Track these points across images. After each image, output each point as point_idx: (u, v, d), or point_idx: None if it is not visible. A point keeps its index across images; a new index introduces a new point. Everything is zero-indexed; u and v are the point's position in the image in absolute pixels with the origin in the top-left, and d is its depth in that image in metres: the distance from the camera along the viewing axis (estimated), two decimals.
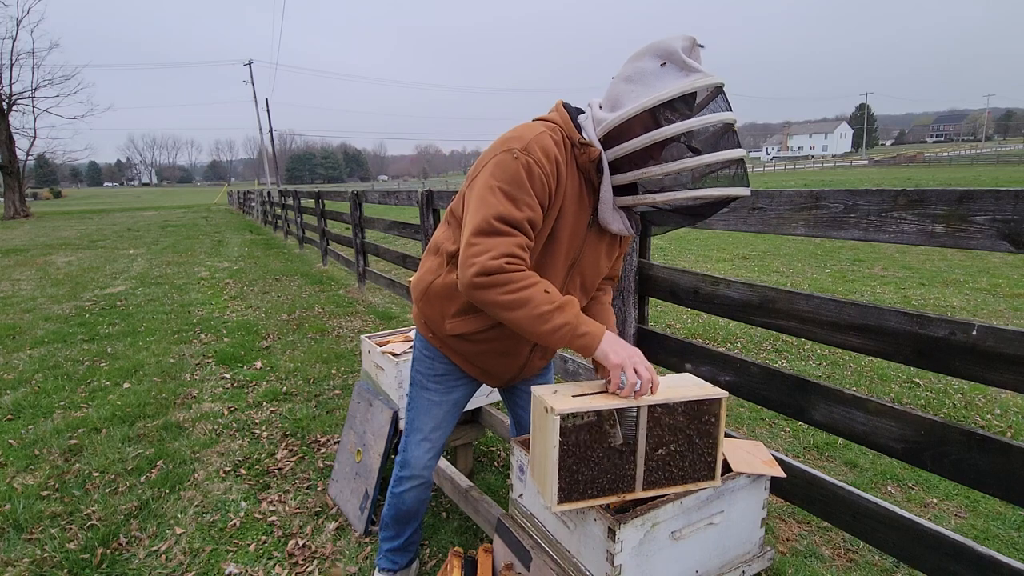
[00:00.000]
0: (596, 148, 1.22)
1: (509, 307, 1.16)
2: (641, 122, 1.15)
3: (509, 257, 1.16)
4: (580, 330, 1.17)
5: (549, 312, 1.15)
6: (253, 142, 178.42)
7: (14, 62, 23.83)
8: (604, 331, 1.19)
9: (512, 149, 1.19)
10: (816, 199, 1.46)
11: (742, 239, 10.09)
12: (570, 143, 1.25)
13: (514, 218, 1.17)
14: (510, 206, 1.17)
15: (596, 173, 1.25)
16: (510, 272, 1.15)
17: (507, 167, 1.19)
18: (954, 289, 5.91)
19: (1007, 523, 2.15)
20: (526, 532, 1.46)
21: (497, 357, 1.45)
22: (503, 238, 1.17)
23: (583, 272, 1.38)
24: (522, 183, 1.18)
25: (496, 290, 1.16)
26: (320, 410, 3.31)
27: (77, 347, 4.69)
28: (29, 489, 2.51)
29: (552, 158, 1.20)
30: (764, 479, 1.39)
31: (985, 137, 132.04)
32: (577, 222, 1.29)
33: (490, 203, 1.18)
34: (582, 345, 1.18)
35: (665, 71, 1.12)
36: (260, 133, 39.30)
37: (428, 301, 1.45)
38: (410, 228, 4.72)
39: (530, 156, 1.18)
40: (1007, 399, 3.25)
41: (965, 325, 1.22)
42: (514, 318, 1.17)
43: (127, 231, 16.46)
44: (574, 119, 1.27)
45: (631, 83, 1.16)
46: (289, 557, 2.03)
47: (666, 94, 1.10)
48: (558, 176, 1.22)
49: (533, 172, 1.18)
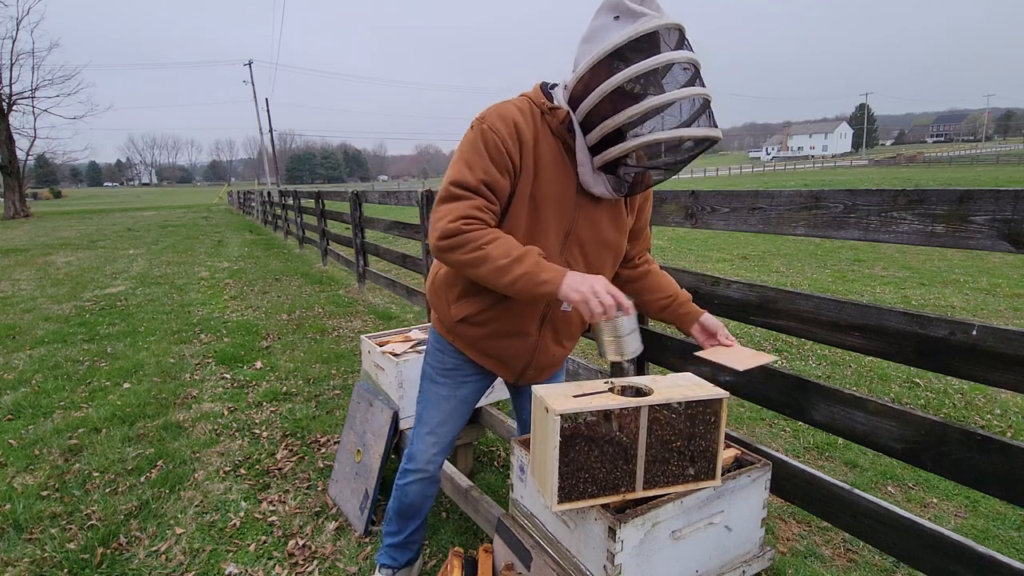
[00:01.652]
0: (563, 109, 1.25)
1: (472, 264, 1.21)
2: (598, 77, 1.16)
3: (465, 219, 1.22)
4: (539, 278, 1.19)
5: (507, 264, 1.19)
6: (253, 142, 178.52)
7: (14, 62, 23.87)
8: (564, 274, 1.19)
9: (473, 123, 1.28)
10: (816, 199, 1.46)
11: (742, 239, 10.09)
12: (539, 110, 1.28)
13: (467, 182, 1.23)
14: (466, 171, 1.24)
15: (569, 135, 1.27)
16: (467, 232, 1.21)
17: (467, 138, 1.28)
18: (954, 289, 5.91)
19: (1007, 523, 2.15)
20: (526, 532, 1.46)
21: (505, 339, 1.44)
22: (459, 202, 1.23)
23: (582, 242, 1.36)
24: (477, 148, 1.24)
25: (458, 251, 1.22)
26: (320, 410, 3.31)
27: (77, 347, 4.69)
28: (29, 489, 2.51)
29: (509, 122, 1.24)
30: (764, 479, 1.39)
31: (985, 137, 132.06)
32: (563, 189, 1.30)
33: (450, 172, 1.27)
34: (545, 292, 1.19)
35: (618, 23, 1.14)
36: (260, 133, 39.32)
37: (435, 292, 1.50)
38: (410, 228, 4.72)
39: (484, 123, 1.25)
40: (1007, 399, 3.25)
41: (965, 325, 1.22)
42: (479, 275, 1.23)
43: (127, 231, 16.46)
44: (546, 90, 1.32)
45: (587, 42, 1.18)
46: (289, 557, 2.03)
47: (608, 45, 1.12)
48: (520, 139, 1.25)
49: (487, 138, 1.23)
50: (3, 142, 23.48)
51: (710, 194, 1.77)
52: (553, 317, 1.43)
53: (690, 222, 1.83)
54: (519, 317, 1.40)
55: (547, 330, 1.45)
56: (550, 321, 1.43)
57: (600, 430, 1.17)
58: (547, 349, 1.48)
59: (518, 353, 1.47)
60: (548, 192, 1.29)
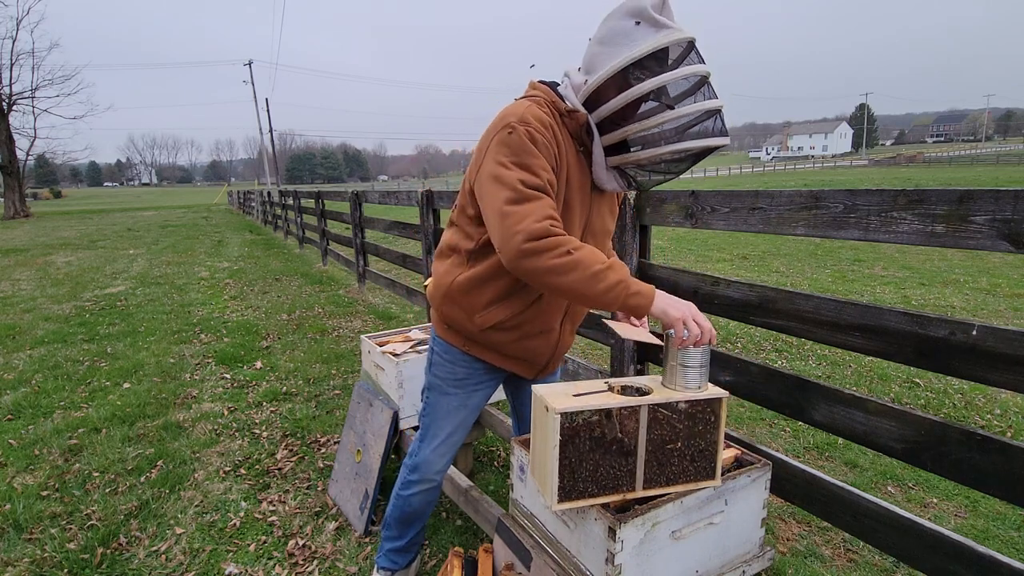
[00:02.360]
0: (582, 113, 1.25)
1: (561, 271, 1.12)
2: (616, 83, 1.17)
3: (551, 219, 1.15)
4: (633, 288, 1.15)
5: (602, 271, 1.13)
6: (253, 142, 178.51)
7: (14, 62, 23.85)
8: (655, 289, 1.19)
9: (509, 124, 1.21)
10: (816, 199, 1.46)
11: (742, 239, 10.09)
12: (557, 112, 1.28)
13: (535, 183, 1.18)
14: (527, 174, 1.18)
15: (587, 136, 1.27)
16: (557, 235, 1.13)
17: (510, 142, 1.20)
18: (954, 289, 5.91)
19: (1007, 523, 2.15)
20: (526, 532, 1.46)
21: (533, 339, 1.44)
22: (535, 203, 1.15)
23: (594, 234, 1.41)
24: (530, 150, 1.19)
25: (547, 255, 1.12)
26: (320, 410, 3.31)
27: (77, 347, 4.69)
28: (29, 489, 2.51)
29: (547, 125, 1.23)
30: (764, 479, 1.39)
31: (985, 137, 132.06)
32: (583, 187, 1.33)
33: (508, 178, 1.17)
34: (635, 304, 1.15)
35: (638, 30, 1.14)
36: (260, 133, 39.31)
37: (451, 301, 1.42)
38: (410, 228, 4.71)
39: (528, 125, 1.20)
40: (1007, 399, 3.25)
41: (965, 325, 1.22)
42: (565, 282, 1.13)
43: (127, 231, 16.46)
44: (554, 90, 1.31)
45: (604, 45, 1.18)
46: (289, 557, 2.03)
47: (635, 54, 1.13)
48: (557, 142, 1.25)
49: (536, 139, 1.19)
50: (3, 142, 23.47)
51: (710, 194, 1.77)
52: (572, 311, 1.47)
53: (690, 222, 1.83)
54: (548, 315, 1.42)
55: (567, 323, 1.48)
56: (569, 315, 1.47)
57: (600, 429, 1.17)
58: (565, 340, 1.52)
59: (544, 350, 1.48)
60: (573, 191, 1.31)
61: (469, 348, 1.47)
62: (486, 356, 1.47)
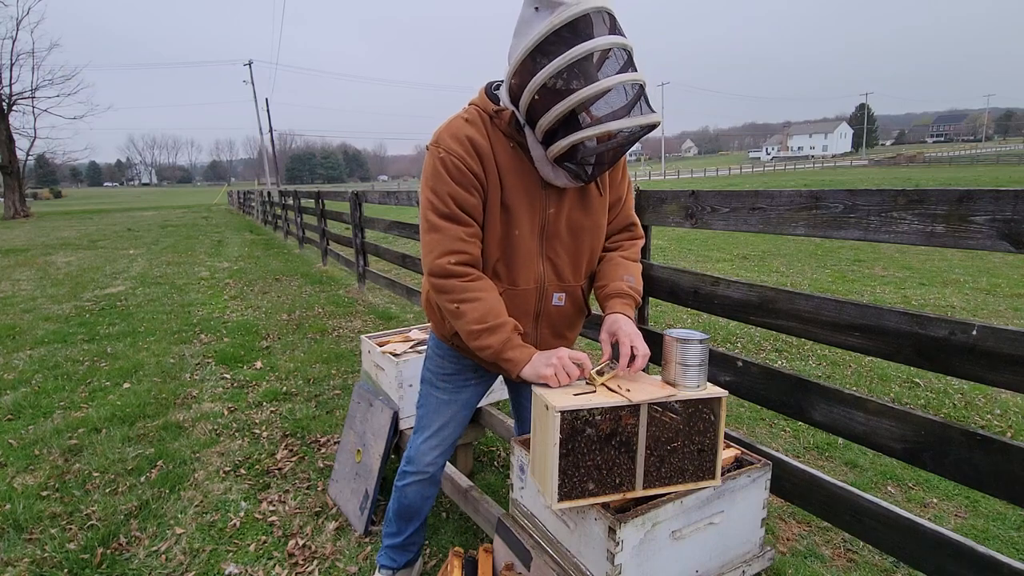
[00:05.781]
0: (507, 110, 1.25)
1: (449, 314, 1.28)
2: (526, 73, 1.15)
3: (451, 254, 1.24)
4: (504, 355, 1.25)
5: (478, 331, 1.25)
6: (253, 142, 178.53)
7: (14, 62, 23.85)
8: (530, 357, 1.24)
9: (429, 147, 1.29)
10: (816, 199, 1.46)
11: (742, 239, 10.08)
12: (487, 116, 1.27)
13: (442, 211, 1.24)
14: (437, 201, 1.25)
15: (518, 133, 1.26)
16: (455, 278, 1.25)
17: (427, 166, 1.29)
18: (954, 289, 5.91)
19: (1007, 523, 2.15)
20: (526, 532, 1.46)
21: None
22: (439, 234, 1.25)
23: (559, 235, 1.34)
24: (440, 176, 1.24)
25: (443, 296, 1.27)
26: (320, 410, 3.31)
27: (77, 347, 4.69)
28: (29, 489, 2.51)
29: (463, 139, 1.24)
30: (764, 479, 1.39)
31: (985, 137, 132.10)
32: (529, 187, 1.29)
33: (424, 203, 1.28)
34: (507, 368, 1.27)
35: (537, 15, 1.12)
36: (260, 133, 39.32)
37: (429, 306, 1.51)
38: (410, 228, 4.71)
39: (439, 147, 1.25)
40: (1007, 399, 3.25)
41: (965, 325, 1.21)
42: (456, 326, 1.28)
43: (127, 231, 16.46)
44: (490, 92, 1.31)
45: (514, 36, 1.18)
46: (289, 557, 2.03)
47: (529, 42, 1.11)
48: (478, 153, 1.25)
49: (447, 162, 1.24)
50: (3, 142, 23.47)
51: (710, 194, 1.77)
52: (547, 313, 1.42)
53: (690, 222, 1.83)
54: (515, 315, 1.38)
55: (543, 326, 1.44)
56: (545, 316, 1.42)
57: (600, 428, 1.17)
58: (547, 343, 1.47)
59: None
60: (516, 195, 1.28)
61: (452, 345, 1.50)
62: (470, 355, 1.49)
